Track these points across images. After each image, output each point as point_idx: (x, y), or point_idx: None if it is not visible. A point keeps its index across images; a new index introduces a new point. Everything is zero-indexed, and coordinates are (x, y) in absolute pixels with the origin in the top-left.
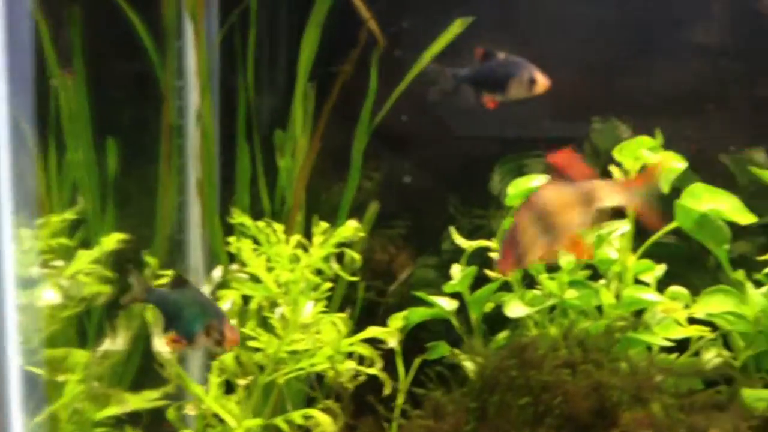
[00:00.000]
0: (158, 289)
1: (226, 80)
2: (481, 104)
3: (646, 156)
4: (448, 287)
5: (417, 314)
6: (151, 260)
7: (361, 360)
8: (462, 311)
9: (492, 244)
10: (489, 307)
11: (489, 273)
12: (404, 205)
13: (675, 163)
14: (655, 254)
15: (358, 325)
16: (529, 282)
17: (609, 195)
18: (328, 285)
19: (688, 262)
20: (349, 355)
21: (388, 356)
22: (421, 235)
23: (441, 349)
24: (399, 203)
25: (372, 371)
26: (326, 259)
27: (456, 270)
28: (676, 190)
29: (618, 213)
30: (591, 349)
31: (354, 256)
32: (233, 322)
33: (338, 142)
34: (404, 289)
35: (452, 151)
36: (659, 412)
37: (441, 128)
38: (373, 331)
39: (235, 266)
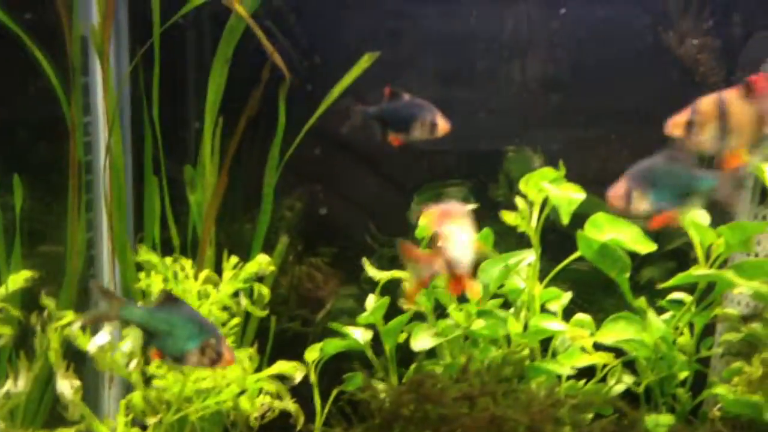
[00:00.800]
0: (141, 306)
1: (137, 115)
2: (386, 141)
3: (548, 188)
4: (361, 319)
5: (332, 346)
6: (48, 302)
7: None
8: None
9: (404, 275)
10: (402, 337)
11: (402, 303)
12: (329, 234)
13: (574, 194)
14: (569, 280)
15: (276, 358)
16: (441, 312)
17: None
18: (237, 320)
19: (602, 288)
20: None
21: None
22: (346, 264)
23: (357, 380)
24: (324, 232)
25: (282, 405)
26: (236, 294)
27: (370, 301)
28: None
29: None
30: (490, 381)
31: (263, 290)
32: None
33: (256, 176)
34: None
35: (376, 180)
36: None
37: (364, 156)
38: (280, 367)
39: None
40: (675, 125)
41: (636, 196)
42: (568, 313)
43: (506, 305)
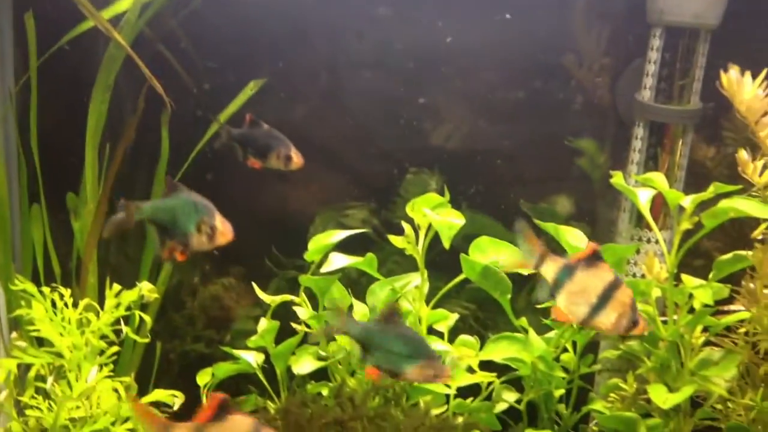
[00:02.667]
0: (149, 202)
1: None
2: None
3: (429, 214)
4: (251, 342)
5: (222, 370)
6: None
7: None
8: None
9: (296, 298)
10: (294, 360)
11: (294, 325)
12: (238, 254)
13: (454, 220)
14: (467, 298)
15: (179, 380)
16: None
17: None
18: (115, 349)
19: (497, 305)
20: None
21: None
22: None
23: (252, 401)
24: (233, 253)
25: None
26: (117, 321)
27: (261, 324)
28: None
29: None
30: (361, 405)
31: (145, 317)
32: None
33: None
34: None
35: (277, 202)
36: None
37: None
38: (156, 395)
39: (14, 334)
40: None
41: None
42: (469, 330)
43: None
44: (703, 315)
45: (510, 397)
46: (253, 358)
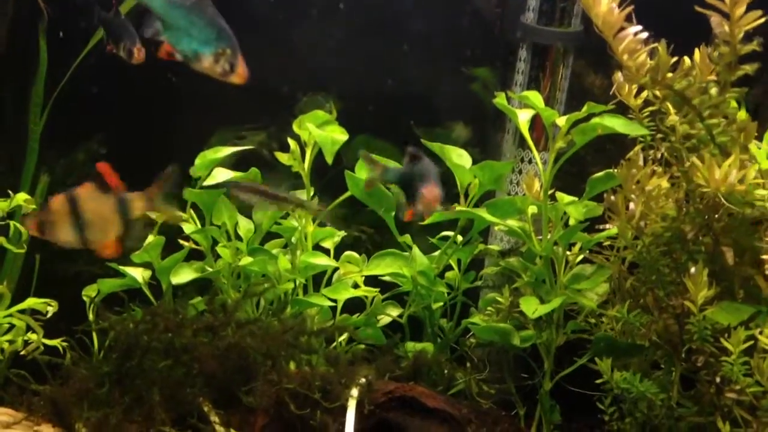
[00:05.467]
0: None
1: None
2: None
3: (313, 130)
4: (136, 257)
5: (108, 285)
6: None
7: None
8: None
9: (183, 215)
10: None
11: (182, 241)
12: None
13: (337, 136)
14: (366, 222)
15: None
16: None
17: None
18: None
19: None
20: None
21: None
22: None
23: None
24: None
25: (37, 339)
26: None
27: (147, 239)
28: None
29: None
30: (232, 313)
31: (20, 228)
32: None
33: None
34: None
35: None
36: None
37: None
38: (29, 302)
39: None
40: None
41: None
42: (367, 254)
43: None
44: (575, 230)
45: (394, 312)
46: (138, 274)
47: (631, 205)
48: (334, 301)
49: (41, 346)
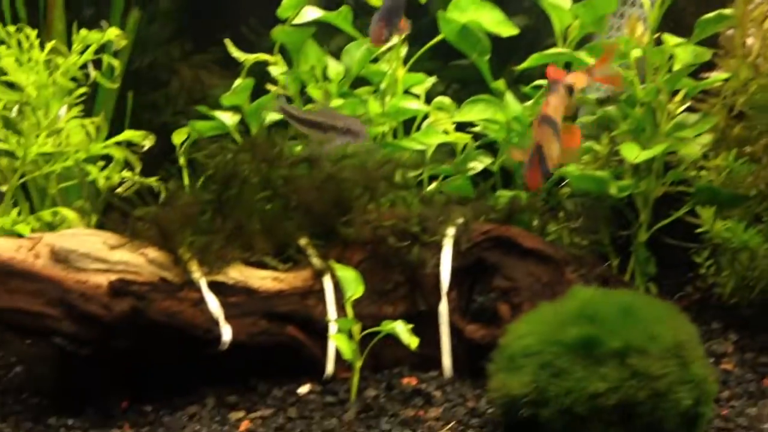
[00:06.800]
0: None
1: None
2: None
3: None
4: (225, 99)
5: (199, 127)
6: None
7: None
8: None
9: (271, 58)
10: (268, 121)
11: (269, 87)
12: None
13: None
14: (450, 77)
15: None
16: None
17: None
18: (84, 90)
19: (479, 84)
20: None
21: None
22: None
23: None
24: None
25: (135, 177)
26: (85, 66)
27: (236, 83)
28: None
29: None
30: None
31: (113, 62)
32: None
33: None
34: None
35: None
36: (399, 203)
37: None
38: (127, 134)
39: None
40: None
41: None
42: None
43: None
44: (681, 75)
45: (484, 160)
46: (228, 117)
47: (749, 41)
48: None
49: (136, 183)
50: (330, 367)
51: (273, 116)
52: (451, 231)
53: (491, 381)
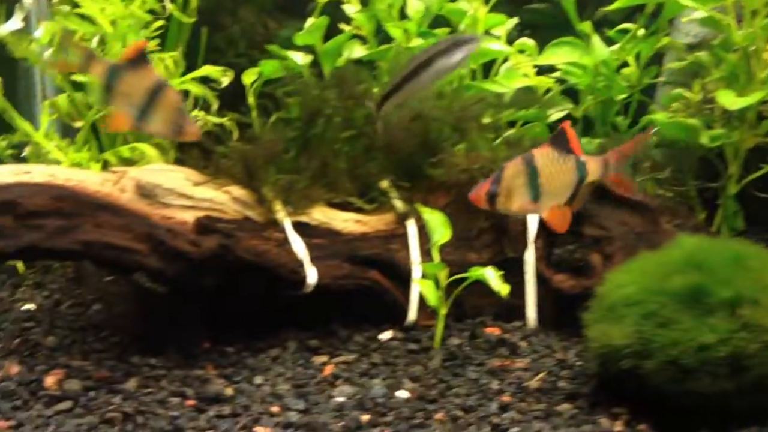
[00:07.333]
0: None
1: None
2: None
3: None
4: (298, 38)
5: (269, 67)
6: None
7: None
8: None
9: None
10: (342, 60)
11: (342, 25)
12: None
13: None
14: (527, 21)
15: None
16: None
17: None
18: (160, 23)
19: (558, 29)
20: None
21: None
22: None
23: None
24: None
25: (210, 119)
26: None
27: (308, 22)
28: None
29: None
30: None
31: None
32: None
33: None
34: None
35: None
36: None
37: None
38: (206, 70)
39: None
40: None
41: None
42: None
43: None
44: None
45: (566, 106)
46: (300, 57)
47: None
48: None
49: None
50: (412, 314)
51: (352, 52)
52: None
53: (588, 331)
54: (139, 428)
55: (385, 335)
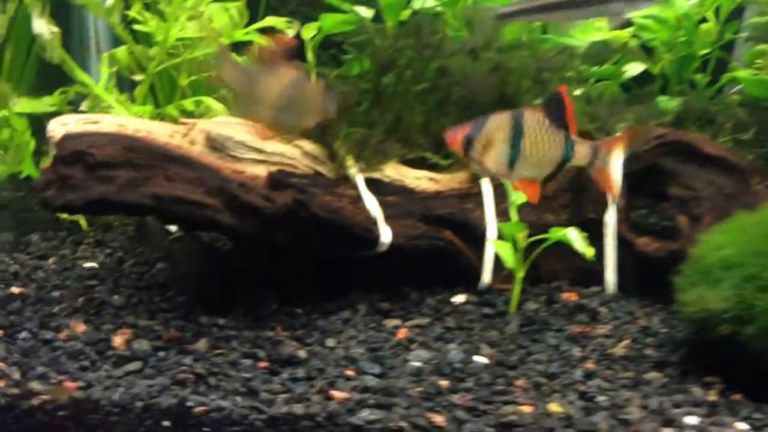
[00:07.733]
0: None
1: None
2: None
3: None
4: None
5: (330, 20)
6: None
7: None
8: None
9: None
10: (406, 14)
11: None
12: None
13: None
14: None
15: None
16: None
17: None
18: None
19: None
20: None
21: None
22: None
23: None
24: None
25: None
26: None
27: None
28: None
29: None
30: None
31: None
32: None
33: None
34: None
35: None
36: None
37: None
38: (270, 20)
39: None
40: None
41: None
42: None
43: None
44: None
45: (642, 64)
46: (364, 10)
47: None
48: None
49: None
50: (486, 277)
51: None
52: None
53: (681, 296)
54: (212, 390)
55: (458, 298)
